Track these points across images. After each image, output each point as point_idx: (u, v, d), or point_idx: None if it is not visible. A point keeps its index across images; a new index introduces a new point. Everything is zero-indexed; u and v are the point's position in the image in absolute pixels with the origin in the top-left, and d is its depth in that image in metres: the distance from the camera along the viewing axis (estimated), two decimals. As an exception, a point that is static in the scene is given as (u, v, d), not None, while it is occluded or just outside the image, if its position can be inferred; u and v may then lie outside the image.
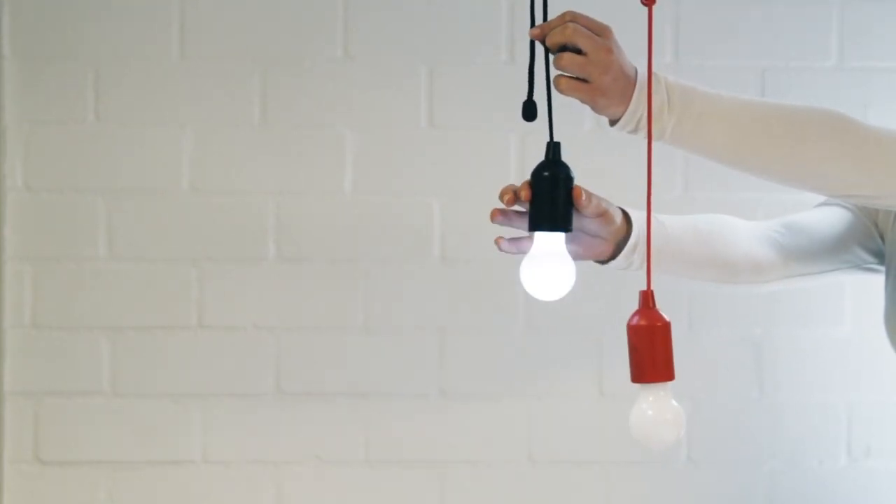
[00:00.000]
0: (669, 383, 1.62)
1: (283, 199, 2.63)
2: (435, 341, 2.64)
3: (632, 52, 1.67)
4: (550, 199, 1.65)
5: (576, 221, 1.71)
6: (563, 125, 1.70)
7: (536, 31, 1.64)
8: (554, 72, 1.65)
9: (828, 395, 2.65)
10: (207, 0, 2.61)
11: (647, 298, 1.62)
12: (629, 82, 1.63)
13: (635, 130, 1.65)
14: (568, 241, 1.69)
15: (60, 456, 2.61)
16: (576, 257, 1.72)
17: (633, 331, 1.62)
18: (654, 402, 1.61)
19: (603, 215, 1.72)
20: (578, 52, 1.61)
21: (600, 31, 1.63)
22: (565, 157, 1.68)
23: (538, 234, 1.66)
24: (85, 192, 2.61)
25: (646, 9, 1.64)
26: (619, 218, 1.76)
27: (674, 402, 1.62)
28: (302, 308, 2.63)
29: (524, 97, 1.68)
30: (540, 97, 1.67)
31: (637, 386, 1.63)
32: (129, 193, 2.61)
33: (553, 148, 1.67)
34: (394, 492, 2.63)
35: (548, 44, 1.63)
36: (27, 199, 2.61)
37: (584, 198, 1.68)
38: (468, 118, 2.63)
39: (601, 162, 2.59)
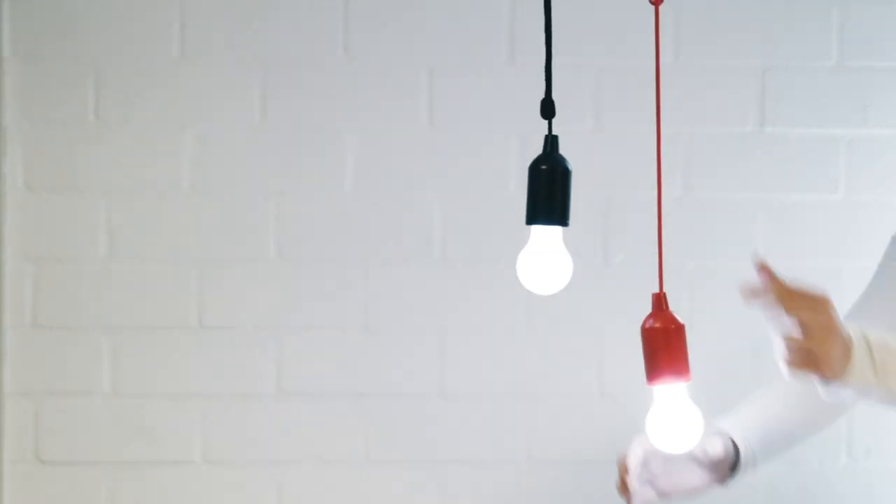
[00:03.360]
0: (684, 384, 1.64)
1: (283, 199, 2.63)
2: (435, 341, 2.64)
3: (633, 51, 1.67)
4: (548, 192, 1.65)
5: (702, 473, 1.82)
6: (564, 125, 1.70)
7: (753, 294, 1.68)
8: (554, 69, 1.65)
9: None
10: (208, 0, 2.62)
11: (660, 301, 1.63)
12: (847, 345, 1.64)
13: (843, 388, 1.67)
14: (685, 479, 1.76)
15: (60, 456, 2.61)
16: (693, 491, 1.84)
17: (647, 333, 1.63)
18: (671, 403, 1.62)
19: (723, 459, 1.83)
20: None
21: (817, 302, 1.64)
22: (566, 156, 1.68)
23: (535, 228, 1.66)
24: (85, 192, 2.61)
25: (649, 8, 1.63)
26: (731, 448, 1.87)
27: (691, 403, 1.63)
28: (302, 308, 2.63)
29: (524, 97, 1.68)
30: (538, 91, 1.66)
31: (649, 388, 1.64)
32: (129, 193, 2.61)
33: (551, 141, 1.66)
34: (394, 492, 2.63)
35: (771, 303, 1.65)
36: (27, 199, 2.61)
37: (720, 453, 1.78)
38: (468, 118, 2.63)
39: (601, 162, 2.59)
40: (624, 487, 1.86)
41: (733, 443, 1.87)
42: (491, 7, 2.63)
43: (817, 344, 1.61)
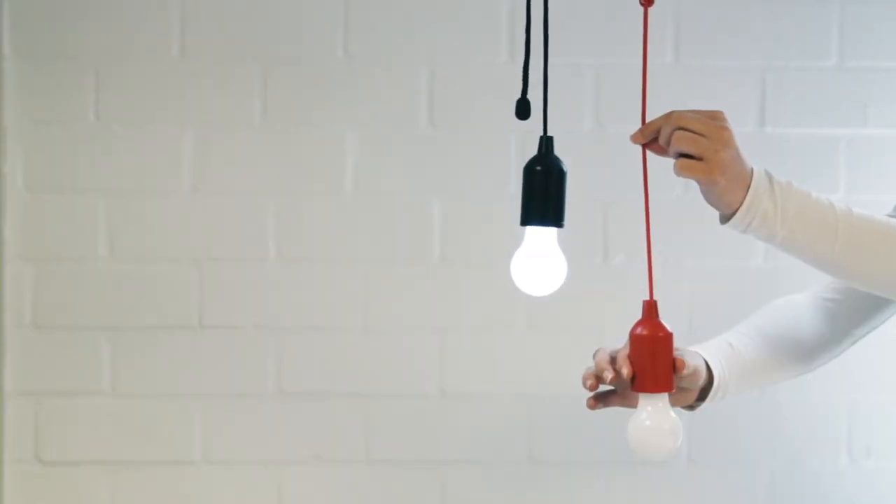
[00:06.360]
0: (667, 394, 1.63)
1: (283, 199, 2.63)
2: (435, 341, 2.64)
3: (633, 51, 1.67)
4: (542, 193, 1.65)
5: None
6: (563, 125, 1.70)
7: (637, 135, 1.62)
8: (550, 68, 1.66)
9: (828, 395, 2.65)
10: (208, 0, 2.62)
11: (650, 309, 1.63)
12: (744, 171, 1.60)
13: (745, 231, 1.61)
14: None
15: (61, 456, 2.61)
16: None
17: (635, 341, 1.63)
18: (652, 412, 1.62)
19: (693, 374, 1.71)
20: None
21: (711, 115, 1.61)
22: (565, 157, 1.68)
23: (529, 229, 1.67)
24: (85, 192, 2.61)
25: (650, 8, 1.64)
26: (703, 369, 1.75)
27: (671, 413, 1.63)
28: (302, 308, 2.63)
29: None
30: (536, 94, 1.66)
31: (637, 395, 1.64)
32: (129, 193, 2.61)
33: (546, 142, 1.67)
34: (394, 492, 2.63)
35: (661, 141, 1.60)
36: (27, 199, 2.61)
37: (685, 368, 1.65)
38: (468, 118, 2.63)
39: (600, 162, 2.59)
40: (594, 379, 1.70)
41: (708, 368, 1.76)
42: (491, 7, 2.63)
43: (710, 149, 1.57)
